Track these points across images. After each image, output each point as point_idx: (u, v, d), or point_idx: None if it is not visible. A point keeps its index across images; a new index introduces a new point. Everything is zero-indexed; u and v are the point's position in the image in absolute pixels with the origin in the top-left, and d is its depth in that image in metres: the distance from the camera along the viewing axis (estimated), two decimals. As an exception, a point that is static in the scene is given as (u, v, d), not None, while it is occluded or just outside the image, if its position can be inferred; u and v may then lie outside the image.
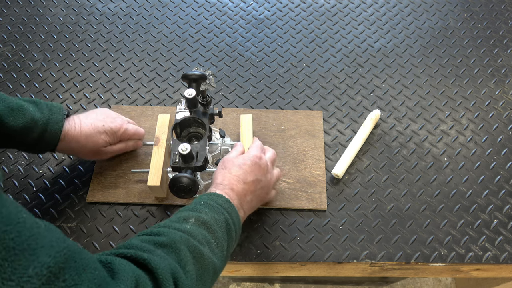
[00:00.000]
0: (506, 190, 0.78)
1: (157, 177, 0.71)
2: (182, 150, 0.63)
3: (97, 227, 0.74)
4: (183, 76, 0.70)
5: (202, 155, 0.66)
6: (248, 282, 1.53)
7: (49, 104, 0.68)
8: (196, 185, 0.63)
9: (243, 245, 0.73)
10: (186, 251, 0.49)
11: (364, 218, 0.75)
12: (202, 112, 0.71)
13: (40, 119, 0.65)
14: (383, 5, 1.05)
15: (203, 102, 0.71)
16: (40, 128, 0.65)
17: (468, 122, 0.87)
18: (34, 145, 0.67)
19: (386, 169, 0.81)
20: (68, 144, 0.69)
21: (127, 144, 0.78)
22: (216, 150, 0.78)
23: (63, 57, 0.96)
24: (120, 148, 0.76)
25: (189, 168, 0.65)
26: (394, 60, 0.96)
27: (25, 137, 0.65)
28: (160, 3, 1.06)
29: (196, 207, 0.56)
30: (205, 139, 0.69)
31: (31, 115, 0.64)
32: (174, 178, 0.63)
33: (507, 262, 0.71)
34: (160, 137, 0.76)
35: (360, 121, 0.86)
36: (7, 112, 0.62)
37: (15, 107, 0.63)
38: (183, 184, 0.63)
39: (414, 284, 1.52)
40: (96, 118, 0.72)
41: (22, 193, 0.78)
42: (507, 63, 0.95)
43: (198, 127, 0.72)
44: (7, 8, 1.05)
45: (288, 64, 0.95)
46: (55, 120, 0.67)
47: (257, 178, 0.64)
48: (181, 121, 0.70)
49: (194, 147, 0.67)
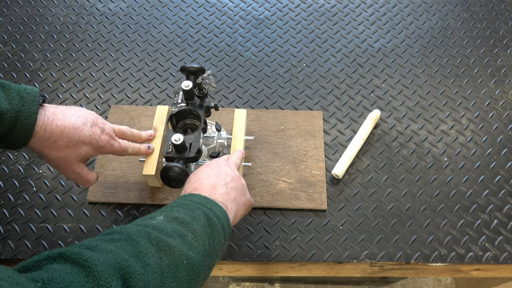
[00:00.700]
0: (506, 190, 0.78)
1: (152, 167, 0.71)
2: (175, 141, 0.65)
3: (97, 227, 0.74)
4: (181, 68, 0.72)
5: (195, 147, 0.68)
6: (248, 282, 1.53)
7: (21, 88, 0.55)
8: (187, 175, 0.64)
9: (243, 245, 0.73)
10: (146, 243, 0.42)
11: (364, 218, 0.75)
12: (198, 105, 0.72)
13: (8, 111, 0.52)
14: (383, 5, 1.05)
15: (199, 95, 0.72)
16: (7, 122, 0.52)
17: (468, 122, 0.87)
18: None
19: (386, 169, 0.81)
20: (40, 142, 0.56)
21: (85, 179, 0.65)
22: (212, 143, 0.79)
23: (63, 57, 0.96)
24: (82, 177, 0.64)
25: (181, 159, 0.66)
26: (394, 60, 0.96)
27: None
28: (160, 3, 1.06)
29: (167, 208, 0.51)
30: (199, 131, 0.70)
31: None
32: (165, 167, 0.64)
33: (507, 262, 0.71)
34: (158, 127, 0.76)
35: (360, 121, 0.86)
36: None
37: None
38: (174, 173, 0.63)
39: (414, 284, 1.52)
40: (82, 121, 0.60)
41: (22, 193, 0.78)
42: (507, 63, 0.95)
43: (193, 119, 0.73)
44: (7, 8, 1.05)
45: (288, 64, 0.95)
46: (28, 112, 0.54)
47: (220, 173, 0.59)
48: (177, 113, 0.72)
49: (188, 138, 0.68)
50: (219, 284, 1.53)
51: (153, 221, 0.47)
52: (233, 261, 0.72)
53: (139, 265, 0.40)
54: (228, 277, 1.52)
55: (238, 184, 0.60)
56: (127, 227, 0.44)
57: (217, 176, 0.58)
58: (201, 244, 0.48)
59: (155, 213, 0.50)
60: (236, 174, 0.62)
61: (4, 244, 0.73)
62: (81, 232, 0.74)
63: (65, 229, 0.74)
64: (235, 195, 0.59)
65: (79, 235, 0.73)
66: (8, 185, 0.79)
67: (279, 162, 0.80)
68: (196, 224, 0.49)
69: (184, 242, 0.46)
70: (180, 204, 0.52)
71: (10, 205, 0.77)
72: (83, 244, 0.40)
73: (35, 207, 0.76)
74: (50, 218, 0.75)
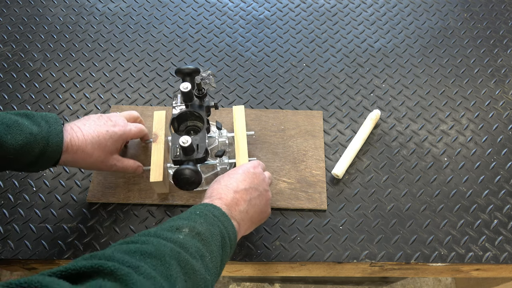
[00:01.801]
0: (506, 190, 0.78)
1: (159, 173, 0.72)
2: (183, 143, 0.63)
3: (97, 227, 0.74)
4: (176, 70, 0.71)
5: (202, 147, 0.67)
6: (248, 282, 1.53)
7: (43, 115, 0.62)
8: (200, 176, 0.64)
9: (243, 245, 0.73)
10: (177, 266, 0.44)
11: (364, 218, 0.75)
12: (198, 105, 0.72)
13: (39, 133, 0.59)
14: (383, 5, 1.05)
15: (198, 95, 0.72)
16: (41, 143, 0.59)
17: (468, 122, 0.87)
18: (35, 162, 0.60)
19: (386, 169, 0.81)
20: (72, 155, 0.63)
21: (126, 166, 0.72)
22: (214, 142, 0.79)
23: (63, 57, 0.96)
24: (123, 166, 0.71)
25: (190, 161, 0.65)
26: (394, 60, 0.96)
27: (25, 155, 0.58)
28: (160, 3, 1.06)
29: (191, 217, 0.52)
30: (204, 131, 0.69)
31: (28, 129, 0.58)
32: (177, 171, 0.63)
33: (507, 262, 0.71)
34: (158, 133, 0.76)
35: (360, 121, 0.86)
36: (3, 129, 0.56)
37: (10, 123, 0.57)
38: (186, 176, 0.63)
39: (414, 284, 1.52)
40: (96, 123, 0.67)
41: (22, 193, 0.78)
42: (507, 63, 0.95)
43: (195, 120, 0.73)
44: (7, 8, 1.05)
45: (288, 64, 0.95)
46: (55, 132, 0.61)
47: (251, 187, 0.60)
48: (178, 115, 0.71)
49: (194, 139, 0.67)
50: (219, 284, 1.53)
51: (179, 235, 0.48)
52: (233, 261, 0.72)
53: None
54: (228, 277, 1.52)
55: (262, 201, 0.62)
56: (162, 244, 0.45)
57: (246, 190, 0.60)
58: (215, 266, 0.50)
59: (180, 222, 0.51)
60: (265, 190, 0.63)
61: (4, 244, 0.73)
62: (81, 232, 0.74)
63: (65, 229, 0.74)
64: (253, 213, 0.60)
65: (79, 235, 0.73)
66: (8, 185, 0.79)
67: (279, 162, 0.80)
68: (213, 244, 0.51)
69: (204, 264, 0.48)
70: (203, 214, 0.53)
71: (10, 205, 0.77)
72: (125, 260, 0.41)
73: (35, 207, 0.76)
74: (50, 218, 0.75)
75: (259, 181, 0.62)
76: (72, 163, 0.65)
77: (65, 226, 0.74)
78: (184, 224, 0.51)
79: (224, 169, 0.77)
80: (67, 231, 0.74)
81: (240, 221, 0.58)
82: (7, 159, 0.57)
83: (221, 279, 1.52)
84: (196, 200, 0.76)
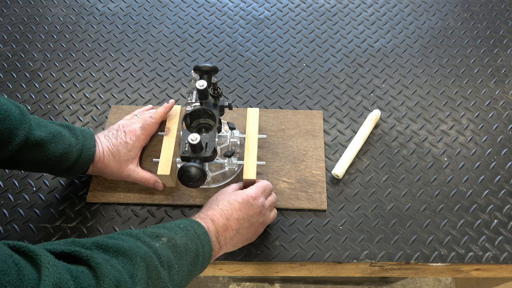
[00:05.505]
0: (506, 190, 0.78)
1: (167, 167, 0.72)
2: (191, 140, 0.64)
3: (97, 227, 0.74)
4: (195, 67, 0.72)
5: (211, 146, 0.67)
6: (248, 282, 1.53)
7: (82, 129, 0.70)
8: (205, 174, 0.64)
9: (244, 245, 0.72)
10: (144, 268, 0.48)
11: (364, 218, 0.75)
12: (212, 104, 0.72)
13: (76, 145, 0.66)
14: (383, 5, 1.05)
15: (214, 94, 0.72)
16: (76, 154, 0.66)
17: (468, 122, 0.87)
18: (68, 170, 0.68)
19: (386, 169, 0.81)
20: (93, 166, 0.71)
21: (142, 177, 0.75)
22: (225, 142, 0.79)
23: (63, 57, 0.96)
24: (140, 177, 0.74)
25: (197, 158, 0.66)
26: (394, 60, 0.96)
27: (62, 163, 0.65)
28: (160, 3, 1.06)
29: (174, 228, 0.57)
30: (215, 130, 0.70)
31: (68, 141, 0.65)
32: (182, 167, 0.64)
33: (507, 262, 0.71)
34: (171, 127, 0.76)
35: (360, 121, 0.86)
36: (50, 138, 0.63)
37: (55, 133, 0.64)
38: (191, 173, 0.64)
39: (414, 284, 1.52)
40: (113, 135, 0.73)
41: (22, 193, 0.78)
42: (507, 63, 0.95)
43: (208, 119, 0.73)
44: (7, 8, 1.05)
45: (288, 64, 0.95)
46: (89, 146, 0.68)
47: (243, 218, 0.63)
48: (191, 112, 0.71)
49: (203, 137, 0.68)
50: (219, 284, 1.53)
51: (157, 243, 0.52)
52: (233, 261, 0.72)
53: (131, 286, 0.46)
54: (228, 277, 1.52)
55: (250, 232, 0.65)
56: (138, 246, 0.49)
57: (237, 220, 0.63)
58: (180, 278, 0.53)
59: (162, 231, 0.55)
60: (257, 221, 0.66)
61: (4, 244, 0.72)
62: (81, 232, 0.74)
63: (65, 229, 0.74)
64: (237, 240, 0.65)
65: (79, 235, 0.73)
66: (8, 185, 0.79)
67: (279, 162, 0.80)
68: (185, 259, 0.54)
69: (169, 274, 0.51)
70: (185, 229, 0.57)
71: (10, 205, 0.77)
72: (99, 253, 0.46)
73: (35, 207, 0.76)
74: (50, 218, 0.75)
75: (254, 213, 0.65)
76: (97, 173, 0.73)
77: (65, 226, 0.74)
78: (165, 233, 0.55)
79: (232, 169, 0.77)
80: (67, 231, 0.74)
81: (223, 244, 0.62)
82: (47, 164, 0.64)
83: (221, 279, 1.52)
84: (196, 200, 0.76)
